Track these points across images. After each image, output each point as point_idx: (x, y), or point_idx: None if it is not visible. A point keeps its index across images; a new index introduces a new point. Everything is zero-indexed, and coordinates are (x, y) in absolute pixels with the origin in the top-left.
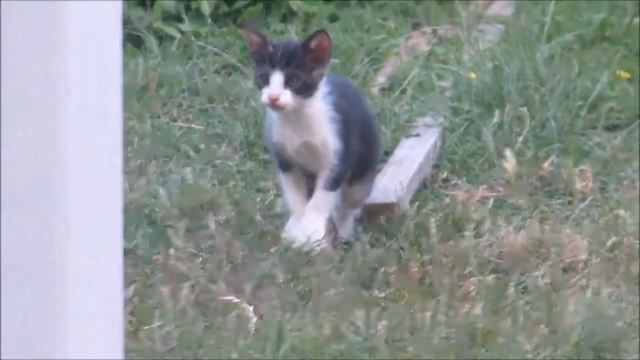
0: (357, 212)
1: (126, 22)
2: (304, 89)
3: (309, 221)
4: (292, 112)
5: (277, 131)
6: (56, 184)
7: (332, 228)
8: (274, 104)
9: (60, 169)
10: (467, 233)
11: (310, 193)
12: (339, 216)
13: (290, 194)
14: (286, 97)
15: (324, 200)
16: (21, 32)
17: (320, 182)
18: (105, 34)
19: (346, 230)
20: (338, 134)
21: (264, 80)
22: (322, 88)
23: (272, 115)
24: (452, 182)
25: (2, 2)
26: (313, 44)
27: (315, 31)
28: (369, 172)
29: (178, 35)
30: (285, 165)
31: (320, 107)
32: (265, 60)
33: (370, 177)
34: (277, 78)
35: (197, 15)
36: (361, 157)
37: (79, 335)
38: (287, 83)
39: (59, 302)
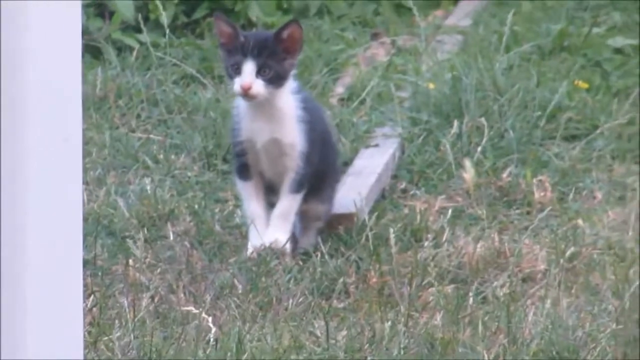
0: (319, 224)
1: (85, 32)
2: (276, 79)
3: (275, 229)
4: (263, 104)
5: (247, 127)
6: (15, 198)
7: (293, 238)
8: (246, 93)
9: (20, 184)
10: (426, 243)
11: (269, 206)
12: (301, 228)
13: (250, 202)
14: (258, 86)
15: (291, 205)
16: None
17: (286, 186)
18: (65, 50)
19: (307, 241)
20: (305, 135)
21: (235, 70)
22: (292, 82)
23: (241, 111)
24: (411, 193)
25: None
26: (285, 33)
27: (287, 21)
28: (327, 188)
29: (137, 46)
30: (246, 172)
31: (290, 102)
32: (236, 50)
33: (328, 194)
34: (249, 67)
35: (156, 26)
36: (319, 171)
37: (38, 346)
38: (259, 72)
39: (18, 312)
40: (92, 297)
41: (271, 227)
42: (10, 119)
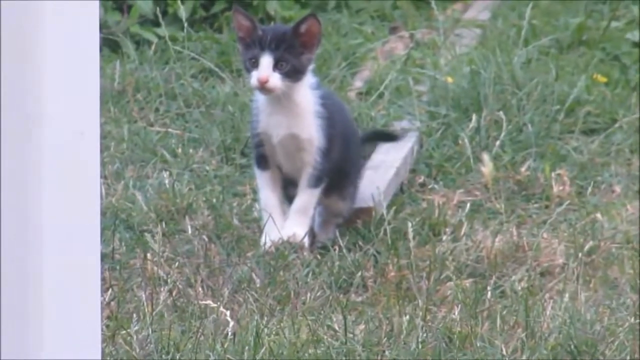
0: (339, 220)
1: (103, 26)
2: (293, 73)
3: (293, 223)
4: (281, 98)
5: (264, 120)
6: (32, 193)
7: (311, 232)
8: (263, 86)
9: (36, 179)
10: (444, 237)
11: (288, 200)
12: (320, 222)
13: (265, 192)
14: (275, 79)
15: (309, 200)
16: None
17: (304, 180)
18: (82, 45)
19: (325, 235)
20: (323, 131)
21: (252, 64)
22: (310, 77)
23: (259, 105)
24: (429, 187)
25: None
26: (303, 28)
27: (305, 15)
28: (348, 185)
29: (155, 40)
30: (264, 162)
31: (308, 97)
32: (254, 43)
33: (350, 192)
34: (266, 61)
35: (174, 19)
36: (341, 167)
37: (56, 340)
38: (277, 66)
39: (36, 307)
40: (110, 290)
41: (289, 221)
42: (27, 112)
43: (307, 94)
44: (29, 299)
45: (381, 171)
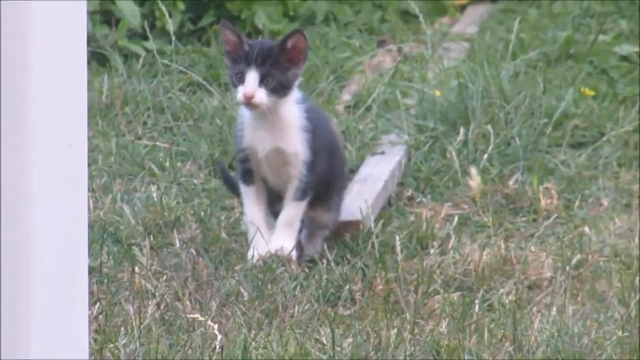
0: (325, 232)
1: (91, 39)
2: (279, 89)
3: (281, 236)
4: (266, 113)
5: (249, 135)
6: (20, 205)
7: (299, 245)
8: (249, 102)
9: (24, 191)
10: (432, 250)
11: (274, 216)
12: (306, 235)
13: (251, 207)
14: (261, 95)
15: (295, 212)
16: None
17: (290, 193)
18: (70, 59)
19: (313, 248)
20: (308, 144)
21: (239, 79)
22: (296, 92)
23: (245, 120)
24: (417, 200)
25: None
26: (289, 43)
27: (291, 30)
28: (333, 197)
29: (143, 53)
30: (249, 177)
31: (293, 112)
32: (241, 58)
33: (335, 203)
34: (252, 76)
35: (162, 33)
36: (325, 179)
37: (44, 353)
38: (262, 82)
39: (23, 320)
40: (98, 304)
41: (276, 234)
42: (14, 125)
43: (292, 108)
44: (16, 312)
45: (369, 184)
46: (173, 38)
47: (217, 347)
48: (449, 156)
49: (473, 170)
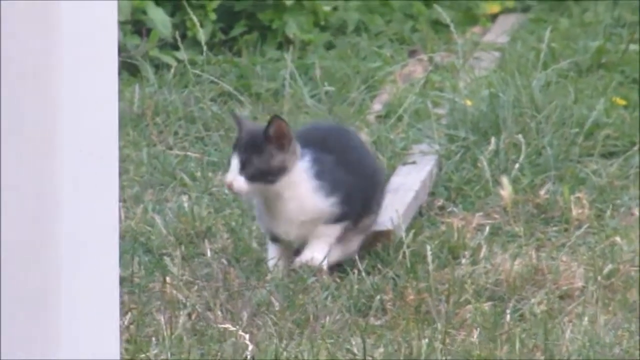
0: (361, 236)
1: (122, 50)
2: (261, 176)
3: (312, 248)
4: (269, 198)
5: (268, 221)
6: (51, 215)
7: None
8: (229, 189)
9: (55, 202)
10: (463, 260)
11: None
12: (342, 237)
13: (274, 261)
14: (240, 183)
15: (330, 231)
16: (14, 65)
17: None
18: (101, 69)
19: (347, 250)
20: (327, 194)
21: (227, 164)
22: (303, 164)
23: (259, 206)
24: (448, 210)
25: None
26: (270, 131)
27: (271, 117)
28: (372, 202)
29: (174, 63)
30: (274, 238)
31: (301, 182)
32: (234, 144)
33: (373, 207)
34: (234, 163)
35: (194, 43)
36: (361, 194)
37: None
38: (242, 169)
39: (54, 330)
40: (129, 314)
41: (308, 247)
42: (45, 136)
43: (297, 181)
44: (47, 323)
45: (400, 194)
46: (204, 48)
47: (249, 357)
48: (480, 166)
49: (504, 180)
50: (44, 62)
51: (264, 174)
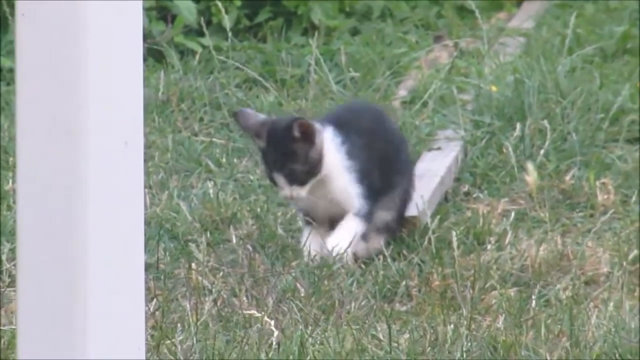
0: (385, 234)
1: (147, 36)
2: (308, 175)
3: (338, 237)
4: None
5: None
6: (76, 202)
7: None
8: (292, 199)
9: (81, 188)
10: (488, 246)
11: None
12: (366, 233)
13: (306, 237)
14: (297, 192)
15: (355, 225)
16: (38, 52)
17: (352, 211)
18: (126, 55)
19: (370, 246)
20: (357, 180)
21: (273, 181)
22: (333, 141)
23: None
24: (474, 196)
25: (19, 22)
26: (295, 133)
27: (290, 121)
28: (395, 197)
29: (199, 50)
30: (308, 221)
31: (334, 163)
32: (263, 159)
33: (396, 203)
34: (281, 181)
35: (219, 29)
36: (386, 182)
37: (100, 350)
38: (291, 181)
39: (80, 316)
40: (154, 300)
41: (334, 234)
42: (70, 123)
43: (332, 161)
44: (73, 308)
45: (425, 180)
46: (229, 34)
47: (274, 343)
48: (506, 151)
49: (530, 166)
50: (69, 49)
51: (311, 173)
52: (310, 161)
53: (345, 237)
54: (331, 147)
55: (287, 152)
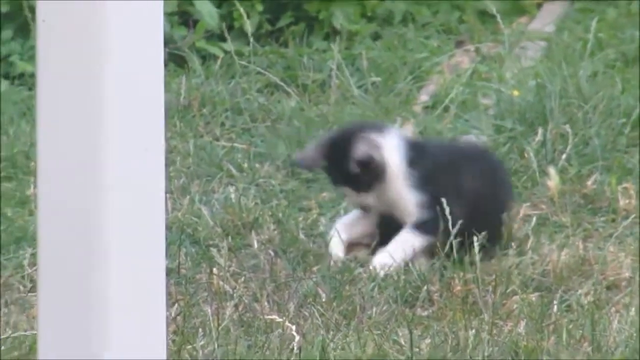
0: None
1: (169, 41)
2: (373, 181)
3: (387, 255)
4: None
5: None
6: (97, 207)
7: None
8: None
9: (102, 194)
10: (510, 251)
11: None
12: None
13: (347, 217)
14: (367, 199)
15: (410, 241)
16: (59, 58)
17: (408, 223)
18: (147, 60)
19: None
20: (416, 187)
21: (341, 196)
22: (395, 140)
23: None
24: None
25: (39, 27)
26: (355, 153)
27: (349, 138)
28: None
29: (221, 55)
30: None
31: (394, 168)
32: (327, 172)
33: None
34: (347, 191)
35: (240, 34)
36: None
37: (121, 355)
38: (357, 190)
39: (102, 321)
40: (176, 305)
41: (383, 251)
42: (91, 128)
43: (392, 161)
44: (93, 314)
45: None
46: (251, 39)
47: (295, 348)
48: (527, 156)
49: (551, 171)
50: (90, 54)
51: (374, 180)
52: (372, 171)
53: (396, 253)
54: (393, 153)
55: (348, 167)
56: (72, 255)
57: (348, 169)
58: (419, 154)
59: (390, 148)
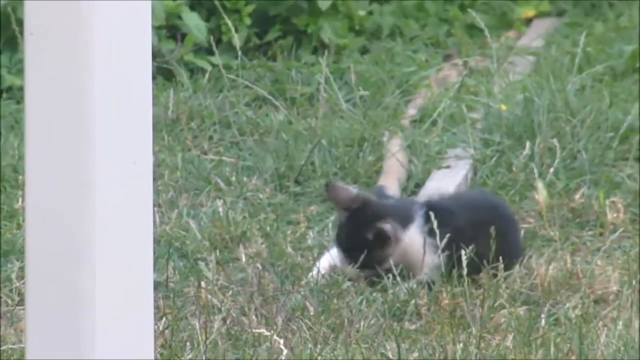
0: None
1: (157, 55)
2: (372, 262)
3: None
4: None
5: None
6: (85, 220)
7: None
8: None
9: (89, 207)
10: (498, 264)
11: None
12: None
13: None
14: (352, 270)
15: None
16: (47, 71)
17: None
18: (135, 74)
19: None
20: (433, 250)
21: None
22: (417, 221)
23: None
24: None
25: (27, 41)
26: (370, 236)
27: (373, 219)
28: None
29: (209, 68)
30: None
31: (414, 242)
32: (338, 226)
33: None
34: (341, 255)
35: (228, 48)
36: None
37: None
38: (350, 262)
39: (89, 334)
40: (164, 319)
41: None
42: (79, 141)
43: (413, 241)
44: (81, 327)
45: None
46: (239, 53)
47: None
48: (515, 170)
49: (539, 185)
50: (78, 67)
51: (374, 262)
52: (377, 257)
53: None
54: (415, 237)
55: (357, 243)
56: (59, 268)
57: (358, 241)
58: (438, 222)
59: (412, 235)
